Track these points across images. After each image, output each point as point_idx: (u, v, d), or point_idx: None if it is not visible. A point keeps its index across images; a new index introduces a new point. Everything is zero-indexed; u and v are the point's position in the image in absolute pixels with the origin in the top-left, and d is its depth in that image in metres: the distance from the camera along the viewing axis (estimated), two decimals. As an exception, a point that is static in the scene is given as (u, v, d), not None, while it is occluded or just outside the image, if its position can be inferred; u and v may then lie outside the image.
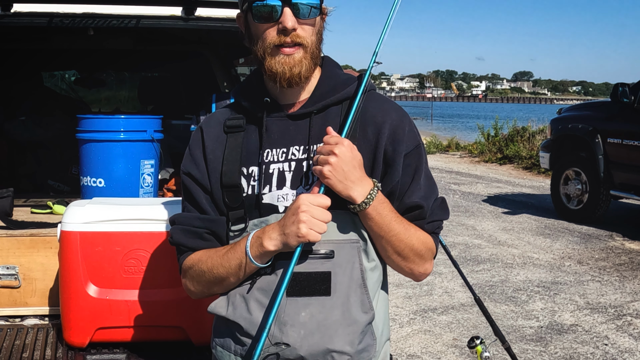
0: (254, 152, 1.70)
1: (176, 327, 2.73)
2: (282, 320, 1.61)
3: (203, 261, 1.70)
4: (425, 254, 1.71)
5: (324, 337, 1.62)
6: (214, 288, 1.72)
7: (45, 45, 4.32)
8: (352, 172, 1.56)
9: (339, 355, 1.63)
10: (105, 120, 3.51)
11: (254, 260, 1.60)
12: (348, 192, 1.57)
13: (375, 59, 1.68)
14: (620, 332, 5.12)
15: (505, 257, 7.22)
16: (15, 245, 3.04)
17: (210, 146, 1.72)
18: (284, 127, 1.69)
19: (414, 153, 1.69)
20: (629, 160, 8.30)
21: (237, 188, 1.68)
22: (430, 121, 42.22)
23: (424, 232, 1.71)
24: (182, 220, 1.75)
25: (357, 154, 1.59)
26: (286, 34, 1.60)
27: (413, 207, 1.69)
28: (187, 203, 1.77)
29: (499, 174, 14.01)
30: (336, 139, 1.58)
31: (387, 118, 1.68)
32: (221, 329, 1.73)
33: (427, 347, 4.77)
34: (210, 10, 3.22)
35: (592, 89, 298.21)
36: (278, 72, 1.62)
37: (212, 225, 1.72)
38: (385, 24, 1.68)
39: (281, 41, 1.61)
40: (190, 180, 1.74)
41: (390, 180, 1.67)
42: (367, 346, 1.68)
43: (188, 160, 1.76)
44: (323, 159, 1.56)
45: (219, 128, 1.74)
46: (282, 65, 1.61)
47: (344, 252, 1.64)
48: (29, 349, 2.76)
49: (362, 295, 1.66)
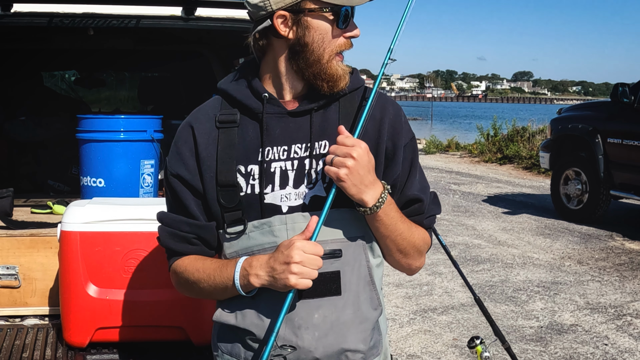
0: (253, 149, 1.65)
1: (176, 327, 2.73)
2: (296, 324, 1.60)
3: (190, 272, 1.68)
4: (424, 249, 1.73)
5: (338, 337, 1.62)
6: (201, 297, 1.73)
7: (45, 45, 4.32)
8: (366, 176, 1.55)
9: (352, 354, 1.64)
10: (105, 120, 3.52)
11: (241, 289, 1.59)
12: (361, 196, 1.56)
13: (390, 55, 1.66)
14: (620, 332, 5.12)
15: (505, 257, 7.22)
16: (15, 245, 3.04)
17: (202, 143, 1.66)
18: (283, 124, 1.66)
19: (410, 145, 1.70)
20: (629, 160, 8.30)
21: (234, 187, 1.64)
22: (430, 121, 42.21)
23: (422, 228, 1.72)
24: (170, 222, 1.71)
25: (372, 157, 1.58)
26: (351, 43, 1.67)
27: (413, 201, 1.70)
28: (173, 205, 1.72)
29: (499, 174, 14.00)
30: (353, 140, 1.56)
31: (385, 113, 1.68)
32: (228, 335, 1.70)
33: (427, 347, 4.77)
34: (210, 10, 3.22)
35: (592, 89, 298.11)
36: (339, 75, 1.63)
37: (201, 231, 1.69)
38: (400, 20, 1.68)
39: (348, 48, 1.66)
40: (179, 182, 1.68)
41: (392, 173, 1.67)
42: (377, 342, 1.69)
43: (175, 160, 1.69)
44: (339, 161, 1.54)
45: (210, 123, 1.68)
46: (344, 70, 1.64)
47: (351, 250, 1.64)
48: (29, 349, 2.76)
49: (371, 292, 1.68)
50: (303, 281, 1.51)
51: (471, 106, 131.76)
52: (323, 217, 1.56)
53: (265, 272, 1.55)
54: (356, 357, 1.64)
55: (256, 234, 1.64)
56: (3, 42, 4.10)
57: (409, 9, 1.69)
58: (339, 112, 1.68)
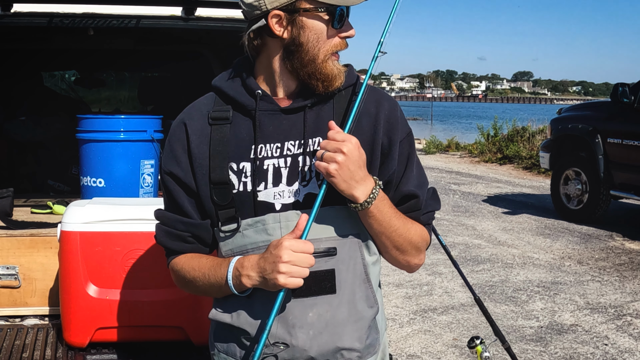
0: (245, 146, 1.64)
1: (176, 327, 2.73)
2: (290, 323, 1.60)
3: (186, 270, 1.69)
4: (422, 246, 1.72)
5: (333, 335, 1.61)
6: (200, 294, 1.73)
7: (45, 45, 4.32)
8: (357, 172, 1.54)
9: (348, 353, 1.63)
10: (105, 120, 3.51)
11: (234, 289, 1.59)
12: (351, 192, 1.55)
13: (381, 48, 1.65)
14: (620, 332, 5.12)
15: (505, 257, 7.22)
16: (15, 245, 3.04)
17: (195, 140, 1.66)
18: (277, 122, 1.65)
19: (406, 141, 1.69)
20: (629, 160, 8.30)
21: (226, 185, 1.64)
22: (430, 121, 42.19)
23: (420, 225, 1.71)
24: (166, 220, 1.73)
25: (363, 152, 1.57)
26: (346, 43, 1.66)
27: (409, 197, 1.68)
28: (168, 204, 1.74)
29: (499, 174, 14.00)
30: (343, 135, 1.54)
31: (380, 108, 1.67)
32: (223, 334, 1.70)
33: (427, 347, 4.77)
34: (210, 10, 3.22)
35: (592, 89, 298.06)
36: (335, 75, 1.63)
37: (195, 230, 1.70)
38: (391, 12, 1.67)
39: (343, 49, 1.65)
40: (171, 179, 1.69)
41: (388, 169, 1.66)
42: (373, 340, 1.68)
43: (169, 157, 1.70)
44: (329, 156, 1.53)
45: (202, 120, 1.68)
46: (339, 70, 1.64)
47: (345, 248, 1.63)
48: (29, 349, 2.76)
49: (367, 290, 1.67)
50: (292, 280, 1.50)
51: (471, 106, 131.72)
52: (314, 214, 1.55)
53: (255, 272, 1.55)
54: (352, 355, 1.63)
55: (250, 232, 1.64)
56: (3, 42, 4.10)
57: (398, 2, 1.68)
58: (333, 109, 1.67)
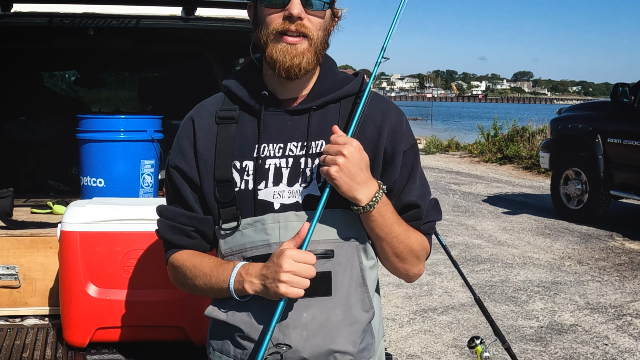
0: (249, 145, 1.66)
1: (176, 327, 2.73)
2: (284, 323, 1.60)
3: (187, 267, 1.69)
4: (422, 255, 1.72)
5: (326, 337, 1.61)
6: (196, 293, 1.73)
7: (46, 45, 4.32)
8: (359, 174, 1.54)
9: (341, 356, 1.62)
10: (105, 120, 3.52)
11: (235, 293, 1.59)
12: (354, 194, 1.55)
13: (384, 54, 1.65)
14: (620, 332, 5.12)
15: (505, 257, 7.22)
16: (15, 245, 3.04)
17: (202, 138, 1.68)
18: (281, 122, 1.66)
19: (411, 151, 1.69)
20: (629, 160, 8.30)
21: (229, 182, 1.65)
22: (430, 121, 42.20)
23: (420, 234, 1.71)
24: (169, 214, 1.73)
25: (365, 155, 1.57)
26: (292, 21, 1.58)
27: (410, 206, 1.69)
28: (173, 198, 1.74)
29: (499, 174, 14.00)
30: (344, 138, 1.55)
31: (386, 117, 1.67)
32: (219, 332, 1.71)
33: (427, 347, 4.77)
34: (210, 10, 3.22)
35: (592, 89, 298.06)
36: (278, 60, 1.58)
37: (199, 224, 1.70)
38: (394, 18, 1.67)
39: (285, 28, 1.58)
40: (178, 174, 1.70)
41: (390, 177, 1.66)
42: (368, 345, 1.68)
43: (176, 152, 1.71)
44: (331, 159, 1.53)
45: (210, 119, 1.70)
46: (284, 53, 1.58)
47: (343, 251, 1.63)
48: (29, 349, 2.76)
49: (363, 295, 1.66)
50: (293, 290, 1.50)
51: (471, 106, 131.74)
52: (316, 218, 1.55)
53: (258, 280, 1.55)
54: (345, 358, 1.63)
55: (249, 231, 1.64)
56: (3, 42, 4.10)
57: (401, 8, 1.68)
58: (339, 113, 1.67)
